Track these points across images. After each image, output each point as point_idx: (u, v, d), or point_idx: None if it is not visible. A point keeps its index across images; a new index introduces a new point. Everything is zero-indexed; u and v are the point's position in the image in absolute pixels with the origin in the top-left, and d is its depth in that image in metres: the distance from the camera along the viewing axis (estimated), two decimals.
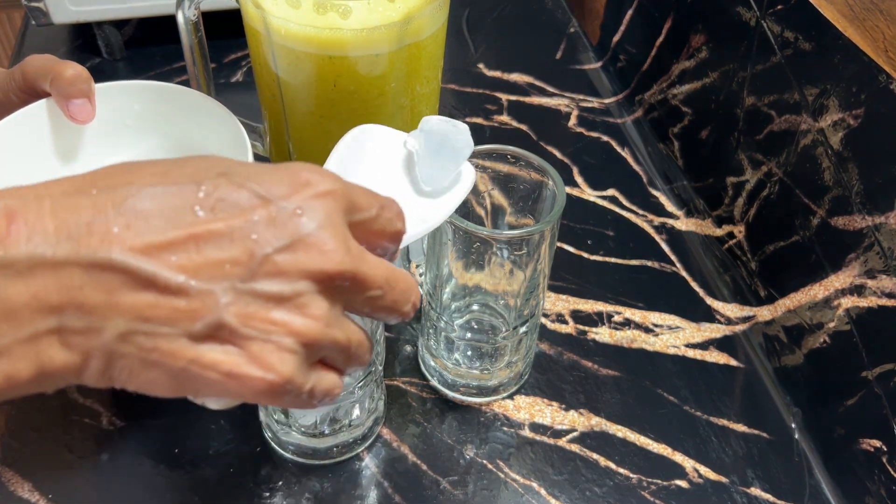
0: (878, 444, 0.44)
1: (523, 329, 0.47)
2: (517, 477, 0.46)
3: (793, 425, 0.50)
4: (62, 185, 0.24)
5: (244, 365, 0.24)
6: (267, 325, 0.24)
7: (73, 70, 0.43)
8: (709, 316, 0.56)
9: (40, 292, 0.22)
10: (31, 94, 0.44)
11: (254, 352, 0.24)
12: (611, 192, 0.66)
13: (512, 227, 0.48)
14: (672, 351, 0.54)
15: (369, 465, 0.46)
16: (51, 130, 0.45)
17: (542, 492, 0.45)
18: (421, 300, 0.49)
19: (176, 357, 0.23)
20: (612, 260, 0.60)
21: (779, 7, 0.52)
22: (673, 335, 0.55)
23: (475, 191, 0.48)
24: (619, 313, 0.56)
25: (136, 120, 0.49)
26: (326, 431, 0.44)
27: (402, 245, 0.31)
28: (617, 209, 0.64)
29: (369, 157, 0.37)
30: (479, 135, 0.71)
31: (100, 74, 0.70)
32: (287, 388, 0.25)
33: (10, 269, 0.22)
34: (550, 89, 0.77)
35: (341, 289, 0.26)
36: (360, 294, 0.27)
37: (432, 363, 0.50)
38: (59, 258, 0.22)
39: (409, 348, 0.52)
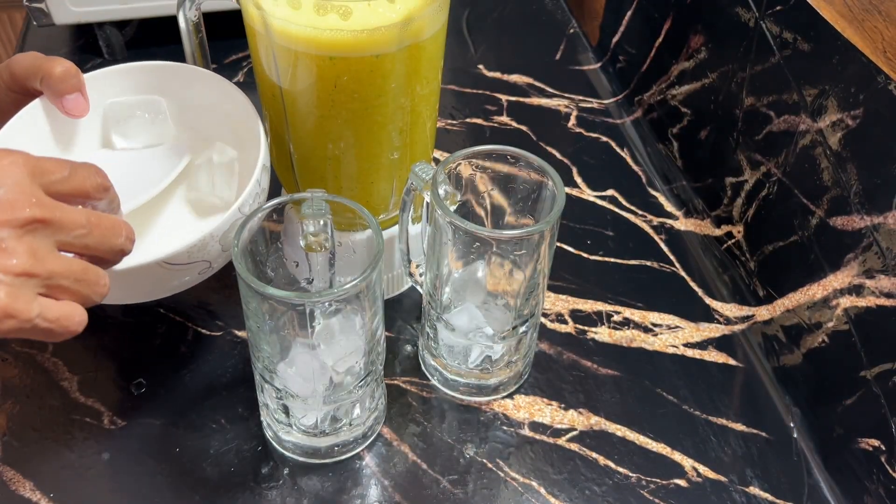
0: (876, 443, 0.44)
1: (523, 329, 0.47)
2: (517, 476, 0.46)
3: (791, 425, 0.50)
4: None
5: None
6: None
7: (62, 67, 0.43)
8: (708, 316, 0.56)
9: None
10: (20, 92, 0.44)
11: None
12: (610, 192, 0.66)
13: (512, 227, 0.48)
14: (671, 350, 0.54)
15: (369, 464, 0.46)
16: (51, 127, 0.46)
17: (542, 491, 0.45)
18: (422, 299, 0.49)
19: None
20: (612, 260, 0.60)
21: (778, 8, 0.52)
22: (672, 335, 0.55)
23: (475, 191, 0.48)
24: (618, 313, 0.56)
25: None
26: (327, 430, 0.44)
27: (128, 207, 0.41)
28: (616, 209, 0.65)
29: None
30: (479, 135, 0.71)
31: None
32: (8, 312, 0.30)
33: None
34: (550, 90, 0.77)
35: (42, 231, 0.31)
36: (65, 234, 0.32)
37: (432, 362, 0.50)
38: None
39: (409, 348, 0.53)
